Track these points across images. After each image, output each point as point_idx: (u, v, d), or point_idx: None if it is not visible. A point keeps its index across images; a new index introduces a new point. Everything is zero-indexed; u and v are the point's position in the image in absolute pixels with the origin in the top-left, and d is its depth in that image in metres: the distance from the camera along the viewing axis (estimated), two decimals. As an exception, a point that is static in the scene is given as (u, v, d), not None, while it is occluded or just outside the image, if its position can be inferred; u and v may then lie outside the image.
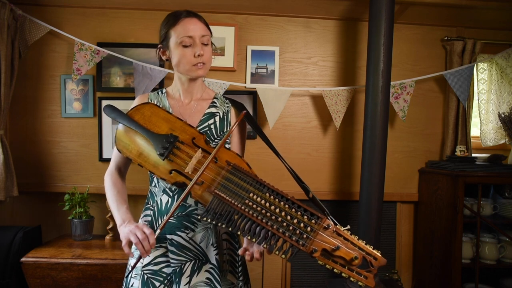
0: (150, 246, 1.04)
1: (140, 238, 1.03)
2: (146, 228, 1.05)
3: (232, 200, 1.00)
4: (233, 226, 0.97)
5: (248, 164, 1.09)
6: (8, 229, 2.02)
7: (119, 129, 1.16)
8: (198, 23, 1.20)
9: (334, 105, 2.29)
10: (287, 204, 0.97)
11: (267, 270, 2.44)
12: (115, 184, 1.23)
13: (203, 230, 1.20)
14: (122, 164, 1.28)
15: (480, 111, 2.49)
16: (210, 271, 1.18)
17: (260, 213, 0.96)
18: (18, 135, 2.32)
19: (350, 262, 0.89)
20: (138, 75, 2.20)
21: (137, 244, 1.03)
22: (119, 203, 1.18)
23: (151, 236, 1.04)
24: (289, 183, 2.42)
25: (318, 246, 0.91)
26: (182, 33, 1.17)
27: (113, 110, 1.17)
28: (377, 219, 1.97)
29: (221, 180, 1.05)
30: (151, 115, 1.15)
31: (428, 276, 2.31)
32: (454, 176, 2.09)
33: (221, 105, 1.29)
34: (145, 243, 1.03)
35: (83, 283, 1.89)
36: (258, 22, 2.39)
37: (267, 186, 1.01)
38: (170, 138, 1.10)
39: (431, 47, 2.46)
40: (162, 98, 1.28)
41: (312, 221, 0.94)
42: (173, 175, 1.09)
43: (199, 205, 1.19)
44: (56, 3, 2.27)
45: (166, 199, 1.20)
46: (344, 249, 0.90)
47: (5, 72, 2.06)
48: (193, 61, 1.18)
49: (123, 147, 1.14)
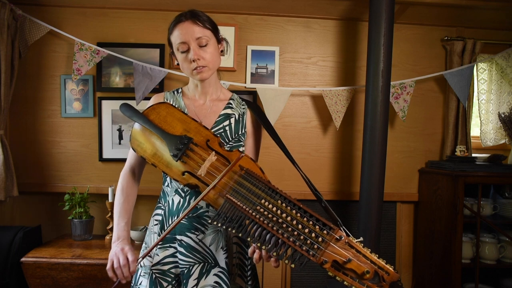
0: (130, 274, 1.07)
1: (120, 264, 1.07)
2: (130, 254, 1.08)
3: (244, 205, 0.98)
4: (243, 232, 0.95)
5: (262, 169, 1.07)
6: (8, 229, 2.02)
7: (134, 128, 1.16)
8: (191, 26, 1.15)
9: (334, 105, 2.29)
10: (299, 212, 0.95)
11: (267, 270, 2.44)
12: (125, 189, 1.22)
13: (213, 233, 1.19)
14: (136, 165, 1.27)
15: (480, 111, 2.49)
16: (219, 274, 1.16)
17: (271, 220, 0.94)
18: (18, 135, 2.32)
19: (361, 276, 0.86)
20: (138, 75, 2.20)
21: (117, 269, 1.07)
22: (120, 216, 1.18)
23: (132, 264, 1.07)
24: (289, 183, 2.45)
25: (328, 258, 0.88)
26: (176, 40, 1.17)
27: (129, 108, 1.17)
28: (377, 219, 1.97)
29: (233, 185, 1.03)
30: (166, 115, 1.15)
31: (428, 276, 2.31)
32: (454, 176, 2.09)
33: (237, 107, 1.27)
34: (125, 269, 1.07)
35: (83, 283, 1.89)
36: (258, 22, 2.39)
37: (279, 193, 0.99)
38: (184, 139, 1.09)
39: (431, 47, 2.46)
40: (178, 98, 1.27)
41: (324, 232, 0.91)
42: (186, 177, 1.08)
43: (210, 207, 1.18)
44: (56, 3, 2.27)
45: (178, 199, 1.20)
46: (355, 262, 0.87)
47: (5, 72, 2.06)
48: (191, 67, 1.17)
49: (137, 146, 1.14)
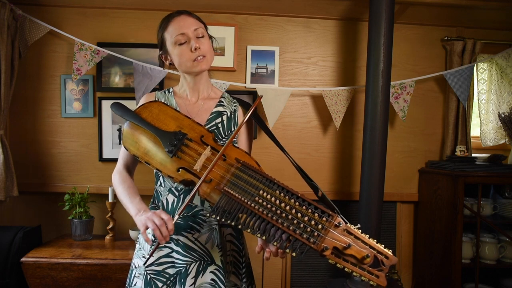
0: (169, 232, 1.01)
1: (158, 224, 1.01)
2: (164, 214, 1.03)
3: (242, 197, 0.98)
4: (243, 224, 0.95)
5: (257, 162, 1.08)
6: (8, 229, 2.02)
7: (125, 127, 1.14)
8: (187, 18, 1.19)
9: (334, 105, 2.29)
10: (297, 201, 0.95)
11: (267, 270, 2.44)
12: (125, 181, 1.21)
13: (208, 231, 1.19)
14: (130, 163, 1.27)
15: (480, 111, 2.49)
16: (215, 272, 1.17)
17: (270, 211, 0.94)
18: (18, 135, 2.32)
19: (361, 261, 0.87)
20: (138, 75, 2.20)
21: (155, 230, 1.01)
22: (131, 196, 1.16)
23: (169, 222, 1.02)
24: (290, 183, 2.41)
25: (329, 244, 0.89)
26: (174, 33, 1.18)
27: (120, 107, 1.16)
28: (377, 219, 1.97)
29: (230, 178, 1.03)
30: (159, 112, 1.14)
31: (428, 276, 2.31)
32: (454, 176, 2.09)
33: (228, 104, 1.28)
34: (163, 228, 1.00)
35: (83, 283, 1.89)
36: (258, 22, 2.39)
37: (277, 183, 0.99)
38: (179, 135, 1.09)
39: (431, 47, 2.46)
40: (169, 97, 1.27)
41: (323, 219, 0.92)
42: (181, 173, 1.06)
43: (205, 205, 1.18)
44: (56, 3, 2.27)
45: (172, 198, 1.19)
46: (355, 247, 0.88)
47: (5, 72, 2.06)
48: (192, 57, 1.17)
49: (130, 144, 1.12)
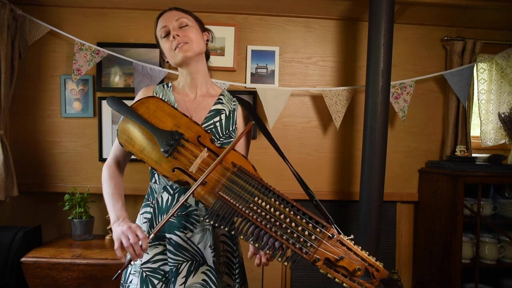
0: (143, 251, 0.98)
1: (132, 242, 0.97)
2: (139, 232, 1.00)
3: (236, 203, 0.97)
4: (236, 229, 0.94)
5: (254, 167, 1.06)
6: (8, 229, 2.02)
7: (122, 122, 1.11)
8: (171, 12, 1.21)
9: (334, 105, 2.29)
10: (292, 210, 0.94)
11: (267, 270, 2.44)
12: (112, 178, 1.19)
13: (201, 232, 1.18)
14: (121, 158, 1.25)
15: (480, 111, 2.49)
16: (206, 273, 1.16)
17: (264, 218, 0.94)
18: (18, 135, 2.32)
19: (352, 273, 0.88)
20: (138, 75, 2.20)
21: (128, 247, 0.98)
22: (114, 199, 1.13)
23: (144, 241, 0.98)
24: (289, 183, 2.44)
25: (321, 255, 0.89)
26: (159, 27, 1.21)
27: (116, 102, 1.12)
28: (377, 219, 1.97)
29: (225, 182, 1.01)
30: (156, 109, 1.11)
31: (428, 276, 2.31)
32: (454, 176, 2.09)
33: (227, 102, 1.27)
34: (137, 247, 0.97)
35: (83, 283, 1.89)
36: (258, 22, 2.39)
37: (272, 191, 0.98)
38: (176, 135, 1.06)
39: (431, 47, 2.46)
40: (168, 92, 1.25)
41: (316, 230, 0.91)
42: (176, 173, 1.04)
43: (199, 206, 1.18)
44: (56, 3, 2.27)
45: (167, 196, 1.18)
46: (347, 259, 0.88)
47: (5, 72, 2.06)
48: (172, 46, 1.18)
49: (125, 141, 1.10)
